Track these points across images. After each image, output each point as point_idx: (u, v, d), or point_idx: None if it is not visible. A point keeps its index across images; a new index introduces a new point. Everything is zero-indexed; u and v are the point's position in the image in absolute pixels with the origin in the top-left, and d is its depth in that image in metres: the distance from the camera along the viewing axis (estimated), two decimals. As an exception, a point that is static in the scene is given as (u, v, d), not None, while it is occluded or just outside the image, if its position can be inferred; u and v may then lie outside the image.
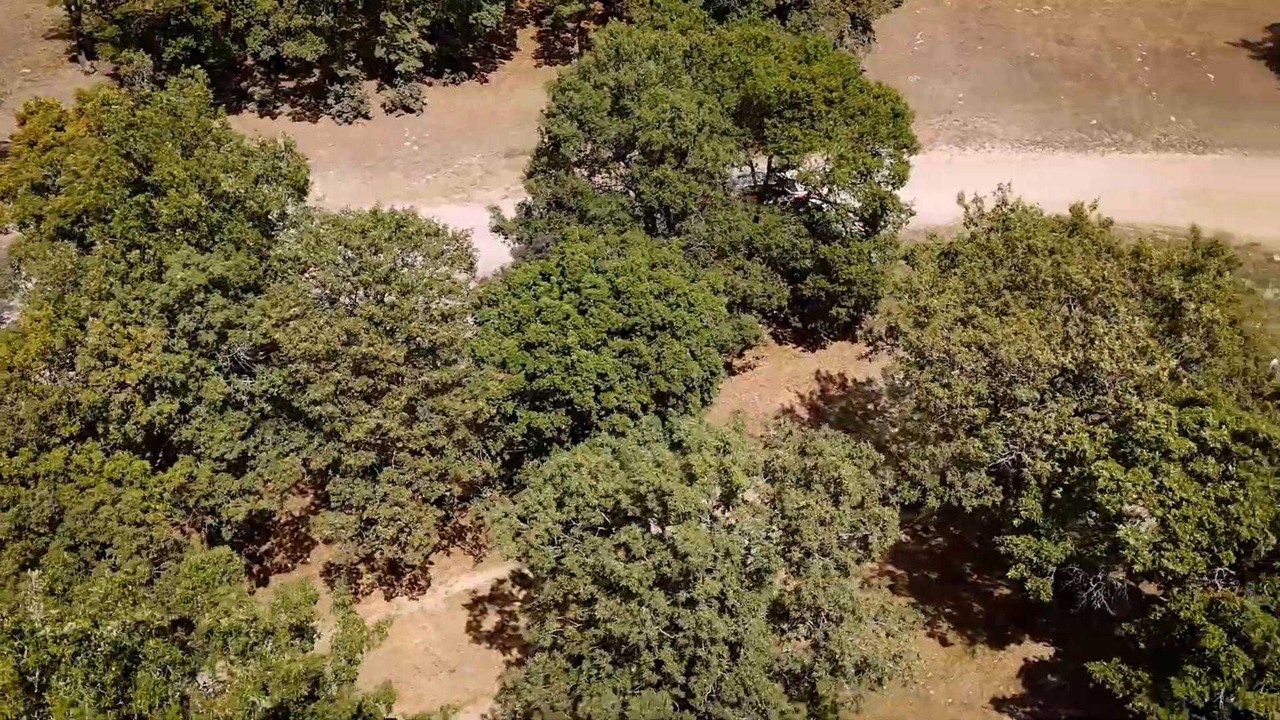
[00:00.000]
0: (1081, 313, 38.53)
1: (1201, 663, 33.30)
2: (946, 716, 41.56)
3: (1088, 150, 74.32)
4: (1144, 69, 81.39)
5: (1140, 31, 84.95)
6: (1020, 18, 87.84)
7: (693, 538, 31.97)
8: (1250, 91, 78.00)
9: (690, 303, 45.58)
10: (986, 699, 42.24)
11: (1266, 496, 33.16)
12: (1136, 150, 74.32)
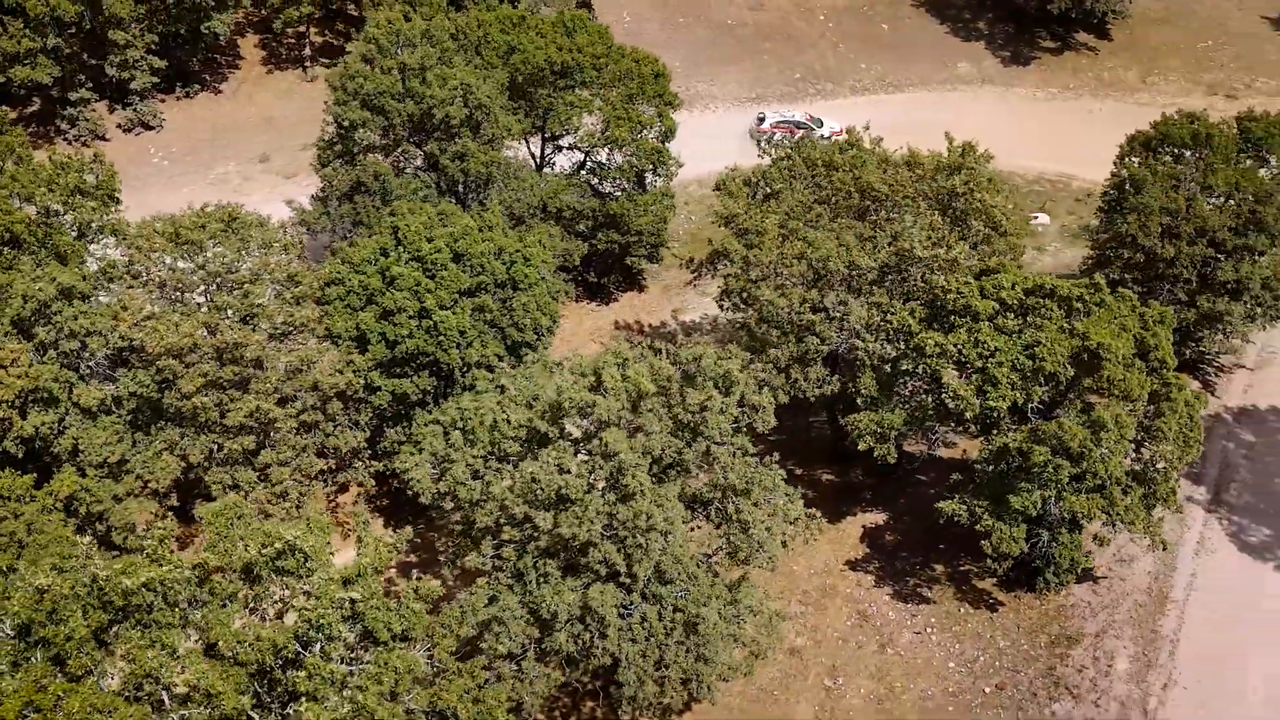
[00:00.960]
0: (885, 214, 45.14)
1: (1031, 479, 40.45)
2: (814, 584, 47.34)
3: (797, 100, 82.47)
4: (829, 25, 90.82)
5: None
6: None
7: (618, 440, 35.92)
8: (920, 38, 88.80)
9: (526, 258, 49.13)
10: (841, 564, 48.38)
11: (1060, 336, 40.62)
12: (838, 96, 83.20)
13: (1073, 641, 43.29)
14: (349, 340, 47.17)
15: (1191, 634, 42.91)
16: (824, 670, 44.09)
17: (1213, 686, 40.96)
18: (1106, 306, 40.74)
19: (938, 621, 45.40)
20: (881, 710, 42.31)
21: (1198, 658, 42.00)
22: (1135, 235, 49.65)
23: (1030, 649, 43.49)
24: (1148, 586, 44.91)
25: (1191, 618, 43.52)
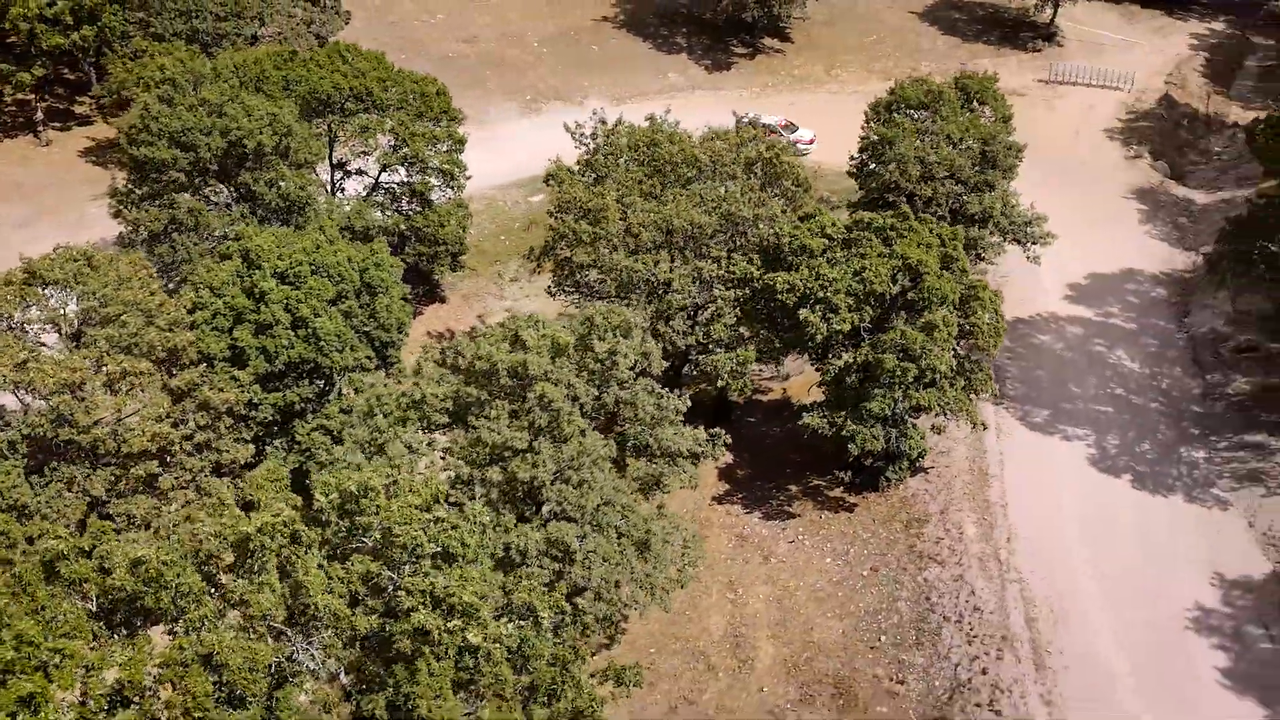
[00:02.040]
0: (712, 183, 51.22)
1: (882, 384, 47.43)
2: (690, 520, 52.46)
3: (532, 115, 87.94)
4: (543, 51, 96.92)
5: (524, 23, 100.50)
6: (422, 28, 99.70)
7: (552, 391, 39.77)
8: (629, 55, 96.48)
9: (377, 264, 51.67)
10: (708, 500, 53.81)
11: (882, 260, 47.92)
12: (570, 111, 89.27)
13: (923, 521, 50.63)
14: (222, 360, 48.09)
15: (1014, 497, 51.18)
16: (723, 586, 49.26)
17: (1041, 531, 49.26)
18: (915, 230, 48.42)
19: (805, 529, 51.61)
20: (782, 607, 47.92)
21: (1024, 513, 50.26)
22: (898, 181, 58.19)
23: (889, 535, 50.46)
24: (969, 468, 52.99)
25: (1010, 485, 51.87)
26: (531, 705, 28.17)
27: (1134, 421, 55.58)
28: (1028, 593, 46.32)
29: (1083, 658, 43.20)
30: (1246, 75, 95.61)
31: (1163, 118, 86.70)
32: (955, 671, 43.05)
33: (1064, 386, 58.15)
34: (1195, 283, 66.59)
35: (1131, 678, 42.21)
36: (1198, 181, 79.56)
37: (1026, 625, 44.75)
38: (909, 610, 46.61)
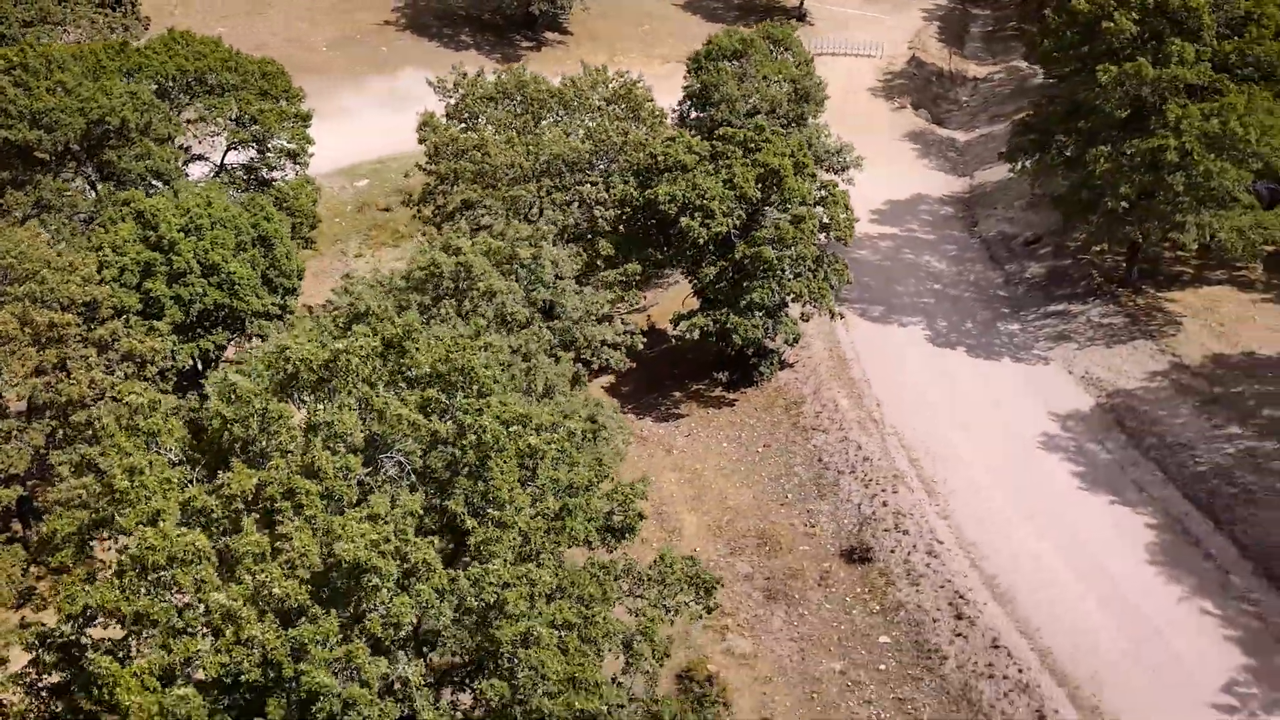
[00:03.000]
0: (574, 116, 55.92)
1: (759, 276, 53.22)
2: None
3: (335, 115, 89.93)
4: (332, 54, 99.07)
5: (309, 29, 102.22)
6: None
7: (498, 283, 43.49)
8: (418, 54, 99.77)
9: (267, 217, 53.64)
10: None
11: (747, 168, 53.84)
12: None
13: (800, 403, 56.69)
14: (135, 314, 49.00)
15: (872, 374, 57.93)
16: (635, 477, 53.43)
17: (901, 396, 56.09)
18: (770, 142, 54.61)
19: (697, 425, 56.74)
20: (694, 485, 52.77)
21: (884, 384, 57.07)
22: (728, 119, 64.49)
23: (773, 418, 56.26)
24: (829, 357, 59.52)
25: (866, 365, 58.63)
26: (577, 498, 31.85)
27: (954, 308, 63.68)
28: (904, 442, 52.98)
29: (963, 484, 50.04)
30: (973, 39, 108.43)
31: (914, 75, 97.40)
32: (859, 509, 49.01)
33: (889, 288, 65.80)
34: (975, 200, 76.20)
35: (1005, 493, 49.27)
36: (955, 124, 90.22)
37: (911, 465, 51.34)
38: (806, 471, 52.43)
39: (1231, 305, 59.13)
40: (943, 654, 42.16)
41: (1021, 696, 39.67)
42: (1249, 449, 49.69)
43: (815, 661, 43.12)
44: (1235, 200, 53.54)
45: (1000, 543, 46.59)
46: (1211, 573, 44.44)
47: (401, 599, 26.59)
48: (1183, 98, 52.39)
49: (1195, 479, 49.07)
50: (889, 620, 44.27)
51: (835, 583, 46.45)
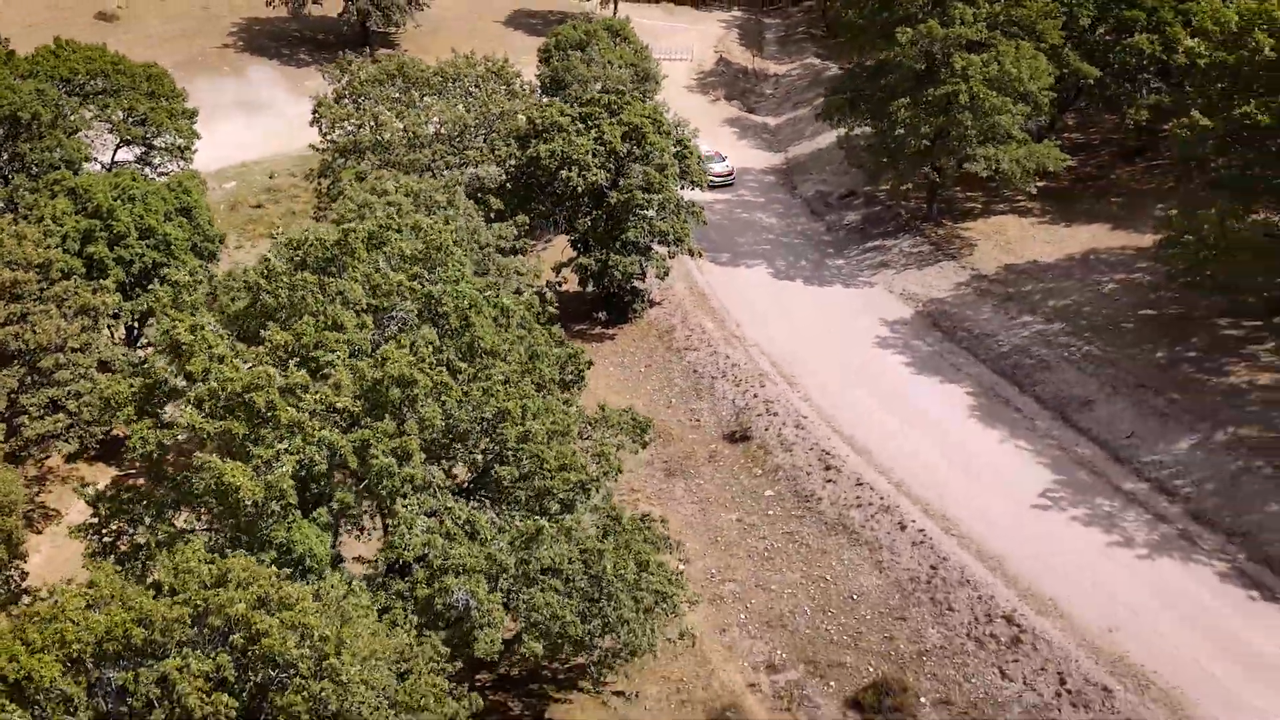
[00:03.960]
0: (457, 90, 63.61)
1: (631, 218, 61.88)
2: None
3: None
4: (180, 75, 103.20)
5: (154, 51, 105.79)
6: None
7: (424, 221, 50.73)
8: (265, 71, 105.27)
9: (186, 190, 59.35)
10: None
11: (614, 126, 62.41)
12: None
13: (671, 331, 65.45)
14: (79, 276, 54.02)
15: (728, 304, 67.31)
16: (539, 401, 61.29)
17: (755, 320, 65.54)
18: (630, 105, 63.51)
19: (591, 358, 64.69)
20: (589, 400, 60.74)
21: (740, 311, 66.44)
22: (580, 98, 73.15)
23: (649, 345, 64.80)
24: (689, 294, 68.60)
25: (722, 298, 67.95)
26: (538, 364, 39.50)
27: (788, 252, 73.83)
28: (764, 351, 62.37)
29: (817, 377, 59.67)
30: (770, 43, 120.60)
31: (723, 74, 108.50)
32: (734, 403, 58.00)
33: (731, 240, 75.52)
34: (791, 169, 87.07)
35: (852, 380, 59.08)
36: (765, 111, 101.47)
37: (772, 367, 60.71)
38: (684, 381, 61.15)
39: (1015, 229, 71.09)
40: (818, 496, 51.33)
41: (884, 515, 49.12)
42: (1039, 331, 61.00)
43: (715, 516, 51.60)
44: (1011, 137, 65.25)
45: (853, 414, 56.25)
46: (1020, 421, 55.13)
47: (432, 407, 33.85)
48: (965, 52, 63.83)
49: (1000, 357, 60.04)
50: (771, 479, 53.22)
51: (723, 458, 55.17)
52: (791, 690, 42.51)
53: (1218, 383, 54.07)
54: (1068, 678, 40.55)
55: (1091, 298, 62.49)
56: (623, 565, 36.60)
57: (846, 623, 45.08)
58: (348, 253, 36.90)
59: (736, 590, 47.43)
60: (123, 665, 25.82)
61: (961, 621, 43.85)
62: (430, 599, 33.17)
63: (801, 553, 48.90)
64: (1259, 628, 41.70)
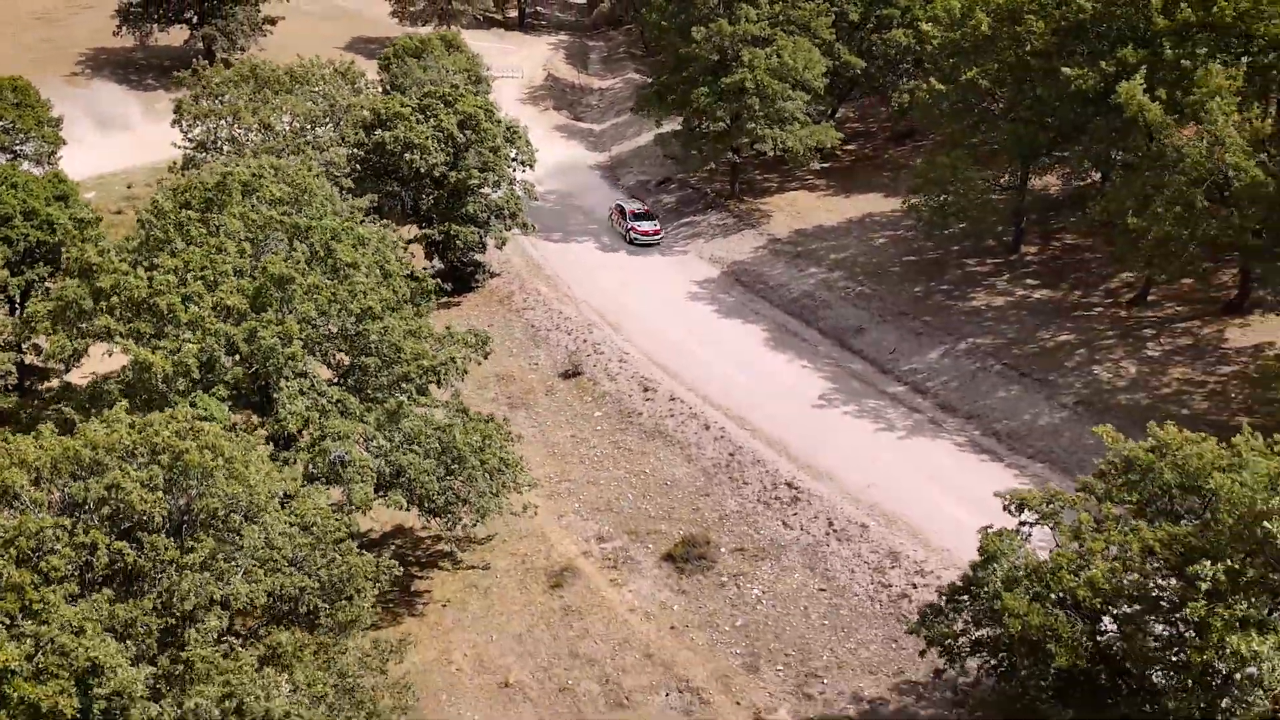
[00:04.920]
0: (308, 89, 71.44)
1: (471, 195, 70.46)
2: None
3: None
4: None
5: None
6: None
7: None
8: (115, 94, 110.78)
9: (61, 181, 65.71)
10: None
11: (449, 115, 70.98)
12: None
13: (510, 295, 74.00)
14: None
15: (559, 272, 76.40)
16: (394, 358, 69.12)
17: (584, 283, 74.78)
18: (464, 98, 72.26)
19: (434, 319, 72.82)
20: (440, 357, 68.87)
21: (570, 277, 75.60)
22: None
23: (490, 309, 73.26)
24: (525, 264, 77.49)
25: (553, 267, 77.05)
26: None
27: (613, 231, 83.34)
28: (593, 306, 71.59)
29: (638, 325, 69.07)
30: (594, 62, 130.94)
31: (552, 88, 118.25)
32: (566, 349, 66.92)
33: (562, 222, 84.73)
34: (614, 165, 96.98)
35: (668, 326, 68.64)
36: (591, 119, 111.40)
37: (600, 318, 69.95)
38: (524, 335, 69.81)
39: (805, 201, 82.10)
40: (638, 413, 60.52)
41: (692, 421, 58.59)
42: (822, 279, 71.70)
43: (552, 435, 60.27)
44: (795, 119, 76.14)
45: (668, 350, 65.81)
46: (806, 347, 65.48)
47: (307, 304, 41.85)
48: (751, 46, 74.52)
49: (790, 301, 70.50)
50: (599, 404, 62.23)
51: (558, 392, 63.96)
52: (617, 554, 51.28)
53: (962, 307, 65.37)
54: (834, 521, 50.41)
55: (865, 251, 73.59)
56: (469, 437, 44.98)
57: (662, 503, 54.20)
58: (225, 193, 44.62)
59: (571, 487, 56.09)
60: (77, 478, 33.08)
61: (754, 491, 53.45)
62: (312, 460, 41.04)
63: (625, 455, 57.91)
64: (985, 480, 52.05)
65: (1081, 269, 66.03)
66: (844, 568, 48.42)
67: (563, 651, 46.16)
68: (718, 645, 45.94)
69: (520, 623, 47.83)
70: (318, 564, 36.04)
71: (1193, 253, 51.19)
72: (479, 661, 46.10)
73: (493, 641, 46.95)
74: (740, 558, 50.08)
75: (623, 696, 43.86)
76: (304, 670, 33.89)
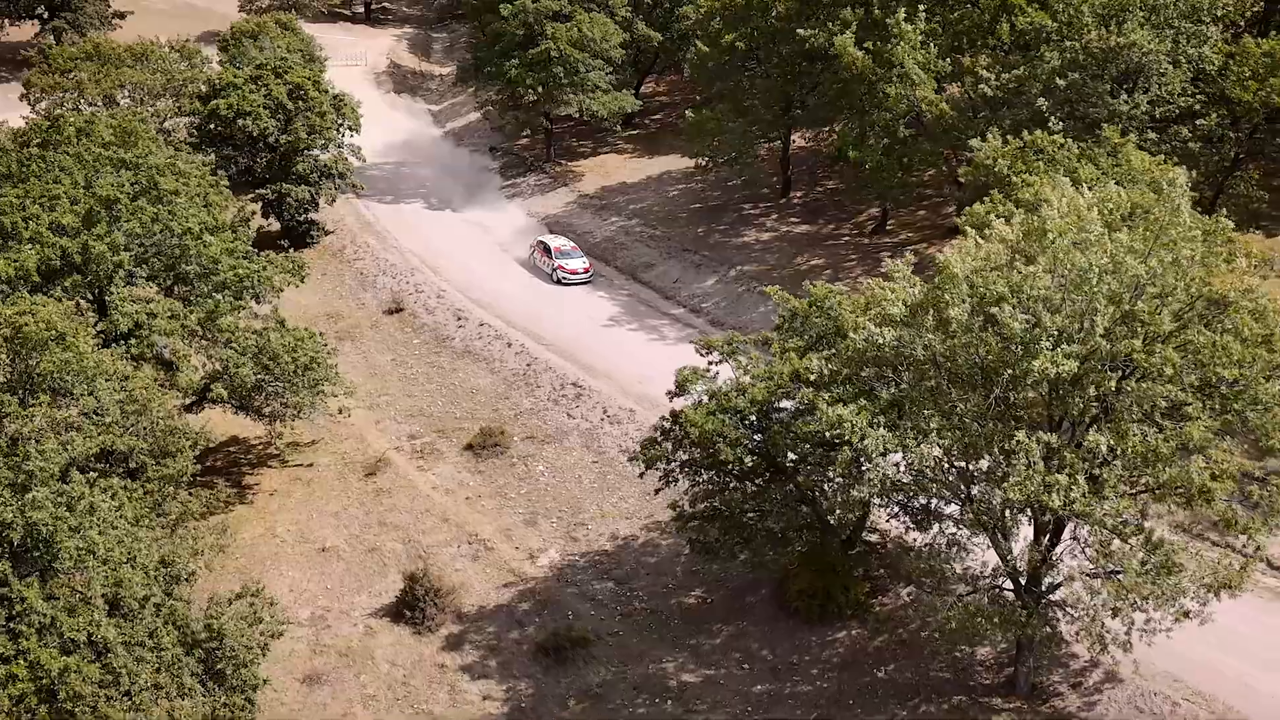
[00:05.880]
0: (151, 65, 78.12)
1: (301, 159, 77.94)
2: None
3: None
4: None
5: None
6: None
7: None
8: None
9: None
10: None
11: (280, 86, 78.32)
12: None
13: (343, 249, 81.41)
14: None
15: (389, 228, 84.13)
16: (234, 305, 76.18)
17: (409, 237, 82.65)
18: (294, 70, 79.57)
19: (271, 274, 79.89)
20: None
21: (398, 232, 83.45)
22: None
23: (325, 261, 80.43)
24: (357, 222, 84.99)
25: (384, 225, 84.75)
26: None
27: (442, 192, 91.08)
28: (417, 254, 79.58)
29: (457, 268, 77.29)
30: (436, 51, 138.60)
31: (395, 73, 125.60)
32: (391, 290, 74.79)
33: (396, 186, 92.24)
34: (448, 137, 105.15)
35: (483, 268, 77.00)
36: (431, 100, 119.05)
37: (422, 263, 77.98)
38: (354, 281, 77.45)
39: (613, 163, 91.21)
40: (452, 337, 68.76)
41: (498, 341, 67.12)
42: (621, 226, 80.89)
43: (375, 360, 68.09)
44: (598, 87, 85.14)
45: (481, 287, 74.20)
46: (603, 281, 74.58)
47: (132, 221, 49.18)
48: (554, 21, 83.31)
49: (594, 245, 79.38)
50: (418, 334, 70.32)
51: (383, 326, 71.83)
52: (425, 447, 59.45)
53: (736, 242, 75.06)
54: (609, 409, 59.34)
55: (660, 201, 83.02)
56: (284, 339, 52.73)
57: (468, 406, 62.54)
58: (60, 133, 51.69)
59: (389, 400, 64.07)
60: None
61: (545, 392, 62.15)
62: (142, 353, 48.41)
63: (438, 372, 66.13)
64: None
65: (837, 208, 76.25)
66: (613, 444, 57.31)
67: (373, 522, 54.13)
68: (504, 509, 54.45)
69: (337, 503, 55.65)
70: (144, 427, 43.53)
71: (902, 179, 61.19)
72: (300, 534, 53.80)
73: (313, 519, 54.70)
74: (530, 444, 58.61)
75: (422, 551, 51.96)
76: (133, 508, 41.35)
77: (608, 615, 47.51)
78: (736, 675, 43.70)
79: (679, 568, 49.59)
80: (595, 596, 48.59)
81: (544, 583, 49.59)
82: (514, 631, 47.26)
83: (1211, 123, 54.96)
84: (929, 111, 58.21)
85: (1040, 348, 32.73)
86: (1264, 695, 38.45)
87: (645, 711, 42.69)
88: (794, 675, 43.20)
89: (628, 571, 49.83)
